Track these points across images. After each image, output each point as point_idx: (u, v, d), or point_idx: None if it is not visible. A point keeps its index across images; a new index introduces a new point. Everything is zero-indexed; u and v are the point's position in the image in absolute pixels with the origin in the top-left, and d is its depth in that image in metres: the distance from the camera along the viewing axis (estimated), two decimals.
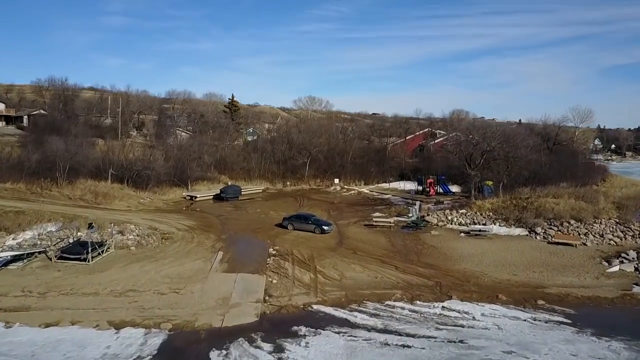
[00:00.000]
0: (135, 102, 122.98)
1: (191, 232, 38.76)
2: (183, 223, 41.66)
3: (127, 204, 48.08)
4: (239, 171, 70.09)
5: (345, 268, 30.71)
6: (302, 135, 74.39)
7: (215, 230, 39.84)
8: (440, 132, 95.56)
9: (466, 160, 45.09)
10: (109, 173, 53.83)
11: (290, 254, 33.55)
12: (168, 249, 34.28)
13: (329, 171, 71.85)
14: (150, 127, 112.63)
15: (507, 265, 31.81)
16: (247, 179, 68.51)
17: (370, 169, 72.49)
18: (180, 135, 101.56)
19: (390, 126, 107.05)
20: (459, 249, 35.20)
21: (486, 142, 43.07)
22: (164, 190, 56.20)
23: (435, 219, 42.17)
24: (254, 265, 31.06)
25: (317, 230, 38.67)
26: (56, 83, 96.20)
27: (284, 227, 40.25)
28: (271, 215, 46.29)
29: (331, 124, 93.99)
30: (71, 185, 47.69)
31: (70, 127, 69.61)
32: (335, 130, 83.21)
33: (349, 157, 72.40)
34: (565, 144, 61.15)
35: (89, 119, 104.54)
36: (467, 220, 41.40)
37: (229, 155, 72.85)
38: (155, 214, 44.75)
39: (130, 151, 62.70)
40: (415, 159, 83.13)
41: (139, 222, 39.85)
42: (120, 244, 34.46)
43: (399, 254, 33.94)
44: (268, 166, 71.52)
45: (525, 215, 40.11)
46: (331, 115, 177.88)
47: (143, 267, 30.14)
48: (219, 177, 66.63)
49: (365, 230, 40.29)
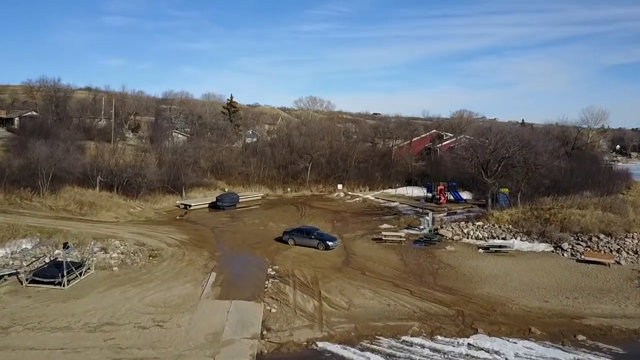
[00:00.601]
0: (132, 103, 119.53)
1: (182, 248, 35.23)
2: (174, 237, 38.13)
3: (115, 215, 44.54)
4: (237, 176, 66.57)
5: (354, 293, 27.17)
6: (304, 138, 70.83)
7: (208, 246, 36.30)
8: (447, 135, 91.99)
9: (482, 168, 41.54)
10: (97, 180, 50.32)
11: (292, 275, 30.01)
12: (155, 269, 30.75)
13: (332, 176, 68.34)
14: (146, 128, 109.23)
15: (535, 290, 28.24)
16: (246, 185, 64.99)
17: (375, 173, 68.94)
18: (177, 137, 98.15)
19: (394, 128, 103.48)
20: (479, 268, 31.64)
21: (505, 149, 39.51)
22: (156, 198, 52.68)
23: (449, 233, 38.61)
24: (251, 289, 27.54)
25: (321, 246, 35.14)
26: (48, 83, 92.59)
27: (284, 242, 36.71)
28: (270, 227, 42.76)
29: (333, 126, 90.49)
30: (54, 195, 44.15)
31: (59, 130, 66.14)
32: (338, 133, 79.67)
33: (352, 161, 68.85)
34: (585, 149, 57.62)
35: (82, 120, 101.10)
36: (485, 234, 37.85)
37: (227, 159, 69.32)
38: (144, 227, 41.21)
39: (121, 156, 59.13)
40: (422, 162, 79.59)
41: (125, 237, 36.31)
42: (102, 264, 30.93)
43: (413, 275, 30.38)
44: (268, 171, 67.99)
45: (549, 228, 36.54)
46: (333, 116, 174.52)
47: (125, 292, 26.60)
48: (215, 183, 63.09)
49: (373, 246, 36.72)
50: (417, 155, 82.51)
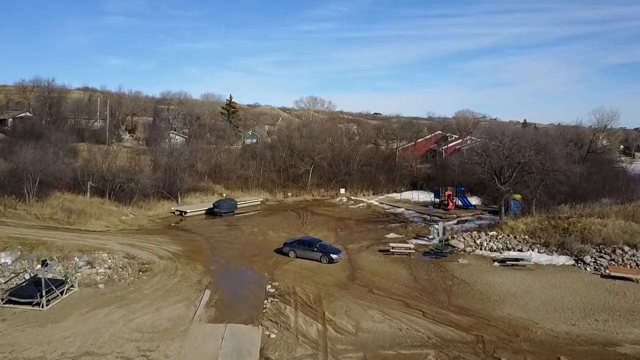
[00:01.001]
0: (129, 104, 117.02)
1: (175, 262, 32.76)
2: (167, 248, 35.66)
3: (106, 224, 42.08)
4: (236, 180, 64.10)
5: (361, 315, 24.67)
6: (304, 140, 68.35)
7: (203, 259, 33.83)
8: (452, 136, 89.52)
9: (495, 174, 39.03)
10: (87, 186, 47.88)
11: (293, 293, 27.53)
12: (145, 285, 28.27)
13: (334, 179, 65.89)
14: (144, 129, 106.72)
15: (560, 310, 25.73)
16: (245, 189, 62.52)
17: (379, 177, 66.45)
18: (175, 139, 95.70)
19: (398, 129, 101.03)
20: (497, 285, 29.14)
21: (521, 154, 36.98)
22: (150, 204, 50.23)
23: (461, 244, 36.13)
24: (248, 310, 25.06)
25: (324, 260, 32.65)
26: (42, 83, 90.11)
27: (285, 254, 34.22)
28: (270, 236, 40.28)
29: (335, 127, 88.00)
30: (41, 202, 41.69)
31: (51, 132, 63.69)
32: (340, 134, 77.18)
33: (355, 164, 66.35)
34: (601, 152, 55.01)
35: (78, 122, 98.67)
36: (500, 245, 35.36)
37: (225, 162, 66.85)
38: (136, 236, 38.73)
39: (114, 159, 56.61)
40: (426, 164, 77.15)
41: (114, 249, 33.84)
42: (87, 280, 28.48)
43: (425, 293, 27.88)
44: (267, 174, 65.55)
45: (568, 239, 34.04)
46: (334, 116, 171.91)
47: (110, 314, 24.14)
48: (213, 187, 60.63)
49: (381, 258, 34.21)
50: (421, 157, 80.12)
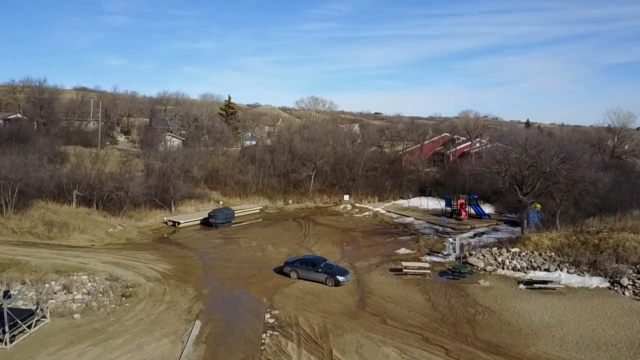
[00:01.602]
0: (124, 104, 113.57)
1: (163, 284, 29.35)
2: (155, 267, 32.25)
3: (91, 238, 38.67)
4: (234, 186, 60.68)
5: (374, 353, 21.25)
6: (306, 143, 64.92)
7: (195, 280, 30.42)
8: (459, 138, 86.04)
9: (517, 184, 35.60)
10: (73, 195, 44.47)
11: (295, 324, 24.13)
12: (127, 315, 24.86)
13: (337, 185, 62.48)
14: (140, 131, 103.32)
15: (604, 347, 22.29)
16: (243, 196, 59.11)
17: (385, 182, 63.01)
18: (171, 141, 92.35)
19: (403, 130, 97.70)
20: (526, 314, 25.69)
21: (547, 163, 33.52)
22: (141, 214, 46.83)
23: (481, 262, 32.68)
24: (243, 347, 21.67)
25: (330, 282, 29.23)
26: (32, 84, 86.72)
27: (286, 274, 30.80)
28: (269, 252, 36.84)
29: (337, 129, 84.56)
30: (20, 214, 38.28)
31: (39, 136, 60.38)
32: (343, 137, 73.71)
33: (359, 168, 62.90)
34: (626, 158, 51.45)
35: (70, 123, 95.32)
36: (524, 264, 31.91)
37: (223, 167, 63.45)
38: (122, 253, 35.30)
39: (105, 164, 53.16)
40: (433, 168, 73.64)
41: (96, 269, 30.46)
42: (61, 309, 25.07)
43: (446, 324, 24.44)
44: (267, 180, 62.13)
45: (600, 258, 30.61)
46: (335, 117, 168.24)
47: (83, 354, 20.77)
48: (209, 194, 57.19)
49: (393, 280, 30.75)
50: (428, 160, 76.64)
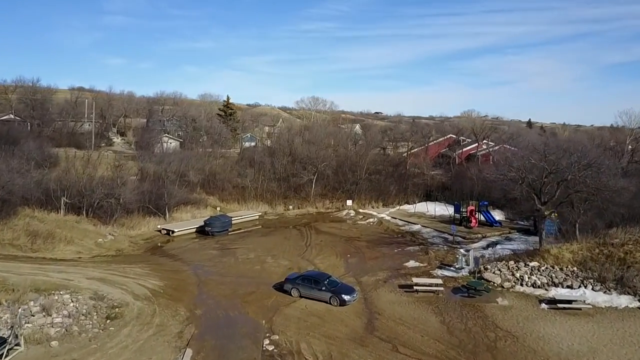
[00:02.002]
0: (120, 105, 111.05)
1: (153, 303, 26.90)
2: (145, 283, 29.80)
3: (78, 249, 36.22)
4: (232, 190, 58.23)
5: None
6: (307, 146, 62.49)
7: (187, 298, 27.97)
8: (465, 139, 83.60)
9: (534, 192, 33.13)
10: (61, 202, 42.04)
11: (297, 352, 21.71)
12: (110, 341, 22.40)
13: (340, 190, 60.02)
14: (136, 132, 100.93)
15: None
16: (241, 201, 56.65)
17: (390, 187, 60.51)
18: (169, 143, 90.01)
19: (406, 131, 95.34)
20: (552, 339, 23.23)
21: (568, 170, 31.02)
22: (134, 222, 44.36)
23: (497, 277, 30.25)
24: None
25: (335, 301, 26.79)
26: (25, 83, 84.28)
27: (287, 292, 28.36)
28: (268, 265, 34.37)
29: (339, 131, 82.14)
30: (2, 224, 35.80)
31: (29, 138, 57.95)
32: (345, 139, 71.22)
33: (362, 172, 60.42)
34: None
35: (65, 124, 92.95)
36: (544, 280, 29.46)
37: (221, 170, 60.98)
38: (111, 266, 32.85)
39: (96, 168, 50.67)
40: (438, 170, 71.16)
41: (80, 286, 28.00)
42: (38, 335, 22.61)
43: (464, 352, 21.97)
44: (266, 184, 59.65)
45: (628, 273, 28.20)
46: (336, 116, 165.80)
47: None
48: (206, 199, 54.74)
49: (403, 298, 28.27)
50: (432, 162, 74.16)
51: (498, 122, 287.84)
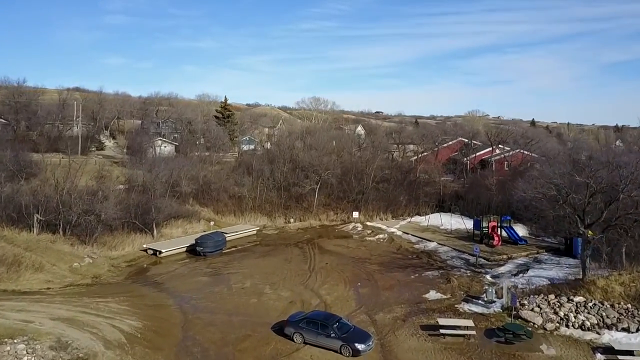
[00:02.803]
0: (112, 107, 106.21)
1: (127, 353, 22.24)
2: (121, 324, 25.11)
3: (48, 278, 31.54)
4: (228, 201, 53.61)
5: None
6: (309, 151, 57.89)
7: (169, 345, 23.32)
8: (476, 143, 78.83)
9: (577, 214, 28.50)
10: (34, 219, 37.41)
11: None
12: None
13: (345, 199, 55.37)
14: (129, 135, 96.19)
15: None
16: (238, 213, 52.02)
17: (399, 197, 55.80)
18: (163, 147, 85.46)
19: (414, 133, 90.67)
20: None
21: (621, 189, 26.39)
22: (117, 240, 39.73)
23: (537, 316, 25.59)
24: None
25: (346, 352, 22.15)
26: (10, 84, 79.58)
27: (288, 337, 23.73)
28: (266, 297, 29.66)
29: (343, 134, 77.49)
30: None
31: (7, 144, 53.37)
32: (350, 143, 66.47)
33: (370, 180, 55.76)
34: None
35: (53, 127, 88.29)
36: (593, 319, 24.83)
37: (216, 179, 56.27)
38: (83, 300, 28.16)
39: (79, 178, 46.02)
40: (448, 176, 66.50)
41: (42, 330, 23.34)
42: None
43: None
44: (266, 193, 55.03)
45: None
46: (337, 117, 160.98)
47: None
48: (199, 212, 50.11)
49: (427, 344, 23.54)
50: (442, 167, 69.42)
51: (499, 121, 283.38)
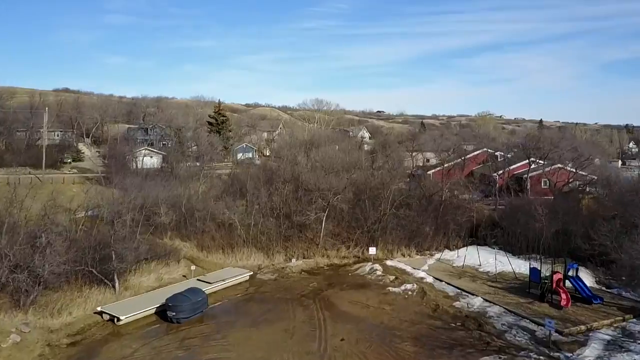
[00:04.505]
0: (96, 110, 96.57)
1: None
2: None
3: None
4: (215, 234, 43.99)
5: None
6: (315, 172, 48.29)
7: None
8: (500, 153, 69.20)
9: None
10: None
11: None
12: None
13: (359, 229, 45.68)
14: (111, 144, 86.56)
15: None
16: (228, 248, 42.41)
17: (424, 225, 46.12)
18: (149, 157, 76.06)
19: (429, 140, 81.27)
20: None
21: None
22: (63, 300, 30.03)
23: None
24: None
25: None
26: None
27: None
28: None
29: (351, 143, 67.89)
30: None
31: None
32: (362, 157, 56.71)
33: (388, 205, 46.10)
34: None
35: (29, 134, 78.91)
36: None
37: (201, 205, 46.61)
38: None
39: (27, 209, 36.46)
40: (474, 195, 56.75)
41: None
42: None
43: None
44: (262, 221, 45.33)
45: None
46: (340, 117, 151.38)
47: None
48: (179, 249, 40.51)
49: None
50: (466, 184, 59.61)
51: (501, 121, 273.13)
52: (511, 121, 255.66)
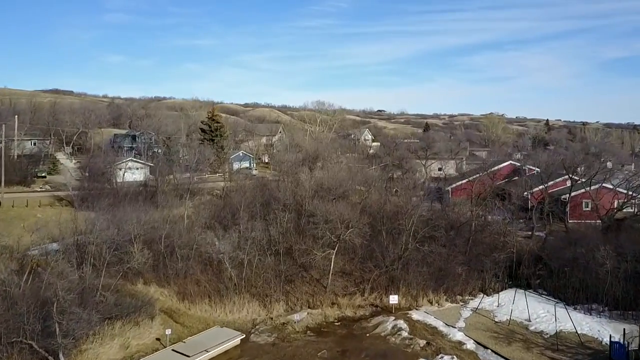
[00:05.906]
0: (79, 114, 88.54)
1: None
2: None
3: None
4: (201, 277, 36.04)
5: None
6: (321, 200, 40.44)
7: None
8: (531, 168, 61.26)
9: None
10: None
11: None
12: None
13: (376, 268, 37.65)
14: (95, 153, 78.55)
15: None
16: (216, 296, 34.40)
17: (455, 264, 38.19)
18: (133, 171, 68.16)
19: (443, 149, 73.45)
20: None
21: None
22: None
23: None
24: None
25: None
26: None
27: None
28: None
29: (362, 157, 59.97)
30: None
31: None
32: (379, 180, 48.70)
33: (410, 238, 38.13)
34: None
35: None
36: None
37: (186, 238, 38.64)
38: None
39: None
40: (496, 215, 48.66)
41: None
42: None
43: None
44: (259, 260, 37.31)
45: None
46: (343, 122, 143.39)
47: None
48: (154, 299, 32.44)
49: None
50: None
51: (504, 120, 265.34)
52: (513, 120, 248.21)
